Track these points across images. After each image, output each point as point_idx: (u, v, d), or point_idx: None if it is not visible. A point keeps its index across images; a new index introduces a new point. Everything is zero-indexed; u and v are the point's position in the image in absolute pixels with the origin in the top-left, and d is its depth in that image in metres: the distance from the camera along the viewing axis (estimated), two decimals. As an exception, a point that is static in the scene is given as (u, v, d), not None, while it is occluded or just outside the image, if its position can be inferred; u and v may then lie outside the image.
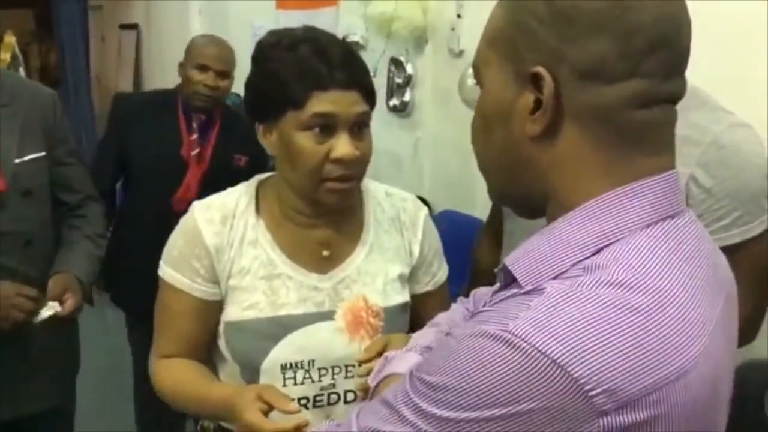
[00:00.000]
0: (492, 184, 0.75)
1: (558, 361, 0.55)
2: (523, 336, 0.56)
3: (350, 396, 1.18)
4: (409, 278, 1.27)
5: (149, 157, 2.32)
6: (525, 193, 0.70)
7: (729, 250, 0.76)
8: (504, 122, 0.67)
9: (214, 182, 2.29)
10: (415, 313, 1.26)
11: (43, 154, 1.67)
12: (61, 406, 1.82)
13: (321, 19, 3.20)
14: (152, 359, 1.24)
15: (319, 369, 1.17)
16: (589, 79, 0.62)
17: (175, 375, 1.19)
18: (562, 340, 0.55)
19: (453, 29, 2.69)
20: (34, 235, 1.65)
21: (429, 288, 1.30)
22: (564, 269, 0.62)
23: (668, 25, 0.62)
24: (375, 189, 1.28)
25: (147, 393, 1.29)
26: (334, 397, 1.18)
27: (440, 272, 1.32)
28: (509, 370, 0.56)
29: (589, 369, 0.55)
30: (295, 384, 1.16)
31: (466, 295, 1.07)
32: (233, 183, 2.31)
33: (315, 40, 1.11)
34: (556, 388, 0.55)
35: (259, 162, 2.48)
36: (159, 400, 1.23)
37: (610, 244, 0.62)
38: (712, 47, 1.69)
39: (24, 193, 1.62)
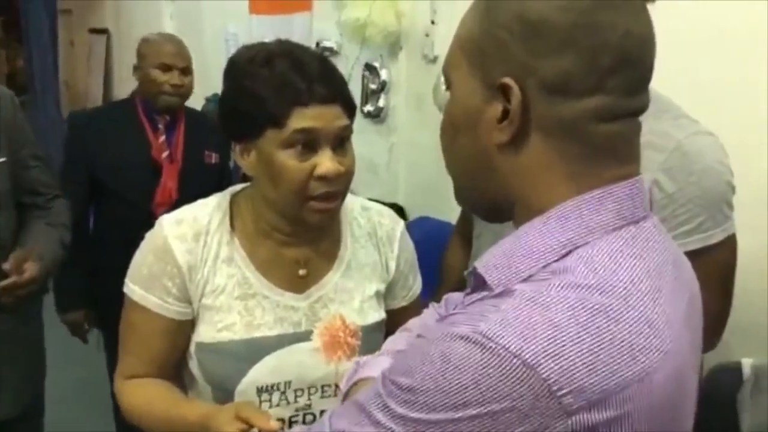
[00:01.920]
0: (458, 187, 0.76)
1: (527, 361, 0.56)
2: (492, 337, 0.57)
3: None
4: (385, 294, 1.25)
5: (120, 169, 2.26)
6: (490, 198, 0.72)
7: (690, 256, 0.77)
8: (471, 129, 0.69)
9: (191, 181, 2.31)
10: (390, 329, 1.21)
11: (4, 159, 1.63)
12: (26, 414, 1.78)
13: (295, 25, 3.19)
14: (117, 380, 1.20)
15: (295, 390, 1.15)
16: (555, 93, 0.64)
17: (144, 395, 1.16)
18: (530, 340, 0.57)
19: (427, 35, 2.70)
20: None
21: (404, 303, 1.28)
22: (533, 272, 0.63)
23: (634, 43, 0.64)
24: (351, 203, 1.25)
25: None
26: (309, 417, 1.16)
27: (415, 285, 1.31)
28: (479, 370, 0.57)
29: (557, 369, 0.56)
30: (271, 406, 1.13)
31: (437, 299, 1.07)
32: (209, 181, 2.33)
33: (290, 53, 1.08)
34: (525, 388, 0.56)
35: (227, 160, 2.47)
36: None
37: (577, 248, 0.63)
38: (711, 50, 1.72)
39: None
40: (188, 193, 2.24)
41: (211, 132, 2.42)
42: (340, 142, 1.09)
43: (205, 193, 1.19)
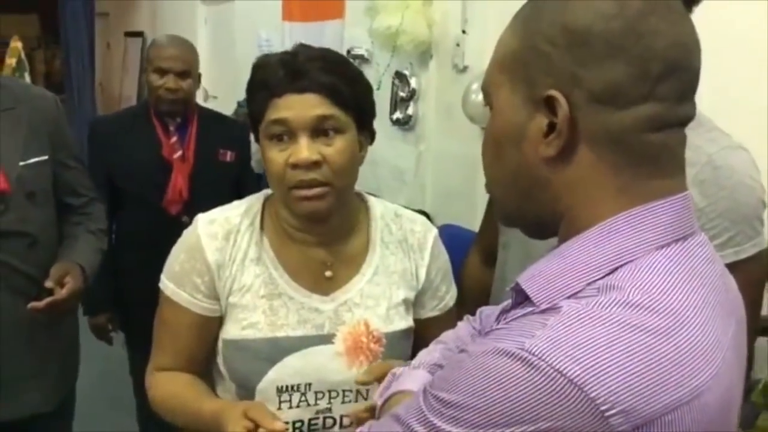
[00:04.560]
0: (503, 205, 0.75)
1: (575, 380, 0.55)
2: (539, 354, 0.57)
3: (346, 420, 1.16)
4: (414, 303, 1.23)
5: (133, 169, 2.30)
6: (537, 215, 0.70)
7: None
8: (516, 145, 0.68)
9: (203, 179, 2.35)
10: (420, 339, 1.20)
11: (46, 157, 1.68)
12: (60, 409, 1.81)
13: (326, 32, 3.22)
14: (149, 371, 1.23)
15: (316, 392, 1.15)
16: (603, 103, 0.63)
17: (171, 388, 1.18)
18: (578, 359, 0.56)
19: (458, 45, 2.69)
20: (37, 236, 1.66)
21: (435, 313, 1.26)
22: (579, 289, 0.62)
23: (681, 49, 0.64)
24: (384, 209, 1.24)
25: (149, 413, 1.27)
26: (329, 421, 1.16)
27: (448, 296, 1.28)
28: (525, 388, 0.56)
29: (605, 389, 0.55)
30: (291, 407, 1.14)
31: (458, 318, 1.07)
32: (223, 178, 2.36)
33: (286, 52, 1.12)
34: (572, 407, 0.55)
35: (246, 158, 2.49)
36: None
37: (625, 264, 0.62)
38: (711, 50, 1.70)
39: (28, 195, 1.63)
40: (201, 191, 2.33)
41: (228, 130, 2.47)
42: (324, 132, 1.09)
43: (219, 190, 1.22)
